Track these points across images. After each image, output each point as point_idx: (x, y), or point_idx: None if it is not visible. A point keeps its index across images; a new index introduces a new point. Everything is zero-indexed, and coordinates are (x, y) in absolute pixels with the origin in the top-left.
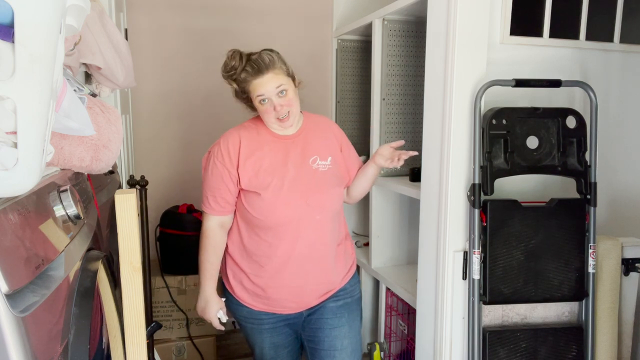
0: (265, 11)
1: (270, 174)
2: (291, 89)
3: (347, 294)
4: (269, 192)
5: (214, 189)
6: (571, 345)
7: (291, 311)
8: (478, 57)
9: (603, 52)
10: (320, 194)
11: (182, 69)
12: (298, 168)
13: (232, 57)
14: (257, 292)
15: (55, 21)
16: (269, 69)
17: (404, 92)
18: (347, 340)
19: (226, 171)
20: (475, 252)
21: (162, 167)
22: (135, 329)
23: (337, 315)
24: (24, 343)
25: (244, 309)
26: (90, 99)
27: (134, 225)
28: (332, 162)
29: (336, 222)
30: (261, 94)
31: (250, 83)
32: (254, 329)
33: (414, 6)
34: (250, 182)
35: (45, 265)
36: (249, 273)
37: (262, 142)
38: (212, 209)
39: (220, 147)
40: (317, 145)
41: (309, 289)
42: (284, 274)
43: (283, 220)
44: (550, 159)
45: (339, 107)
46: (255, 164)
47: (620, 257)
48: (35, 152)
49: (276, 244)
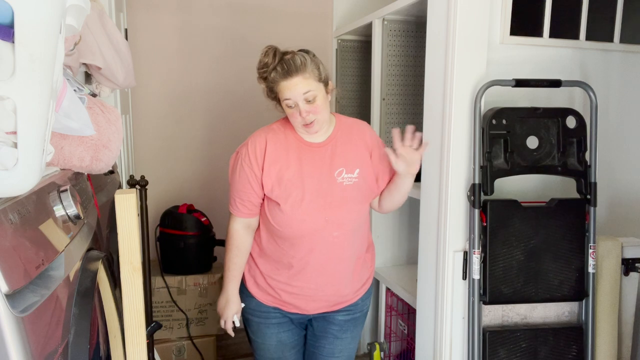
0: (265, 11)
1: (292, 184)
2: (321, 95)
3: (358, 309)
4: (289, 204)
5: (240, 192)
6: (571, 345)
7: (298, 311)
8: (478, 57)
9: (603, 52)
10: (340, 210)
11: (182, 69)
12: (322, 181)
13: (266, 54)
14: (269, 290)
15: (55, 21)
16: (299, 72)
17: (404, 92)
18: (346, 350)
19: (253, 174)
20: (475, 252)
21: (162, 167)
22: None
23: (343, 328)
24: (24, 343)
25: (253, 300)
26: (90, 99)
27: (134, 225)
28: (359, 175)
29: (357, 237)
30: (288, 97)
31: (279, 84)
32: (261, 324)
33: (414, 6)
34: (273, 190)
35: (45, 265)
36: (264, 273)
37: (288, 147)
38: (239, 211)
39: (248, 150)
40: (346, 155)
41: (320, 299)
42: (296, 282)
43: (300, 233)
44: (550, 159)
45: (339, 107)
46: (279, 172)
47: (620, 257)
48: (35, 152)
49: (292, 254)
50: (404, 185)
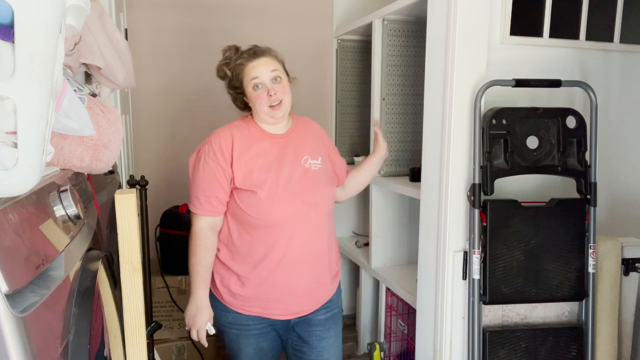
0: (265, 11)
1: (265, 172)
2: (285, 80)
3: (334, 304)
4: (265, 190)
5: (206, 189)
6: (571, 345)
7: (279, 317)
8: (478, 57)
9: (603, 52)
10: (314, 192)
11: (182, 69)
12: (292, 167)
13: (228, 49)
14: (247, 294)
15: (55, 21)
16: (265, 54)
17: (404, 92)
18: (333, 349)
19: (219, 168)
20: (475, 252)
21: (162, 167)
22: (135, 329)
23: (325, 327)
24: (24, 343)
25: (229, 314)
26: (90, 99)
27: (134, 225)
28: (323, 162)
29: (329, 223)
30: (255, 76)
31: (245, 67)
32: (240, 335)
33: (414, 6)
34: (245, 180)
35: (45, 265)
36: (240, 275)
37: (253, 140)
38: (204, 209)
39: (212, 145)
40: (307, 145)
41: (301, 290)
42: (276, 276)
43: (279, 218)
44: (550, 159)
45: (339, 107)
46: (250, 162)
47: (620, 257)
48: (35, 152)
49: (271, 243)
50: (378, 164)
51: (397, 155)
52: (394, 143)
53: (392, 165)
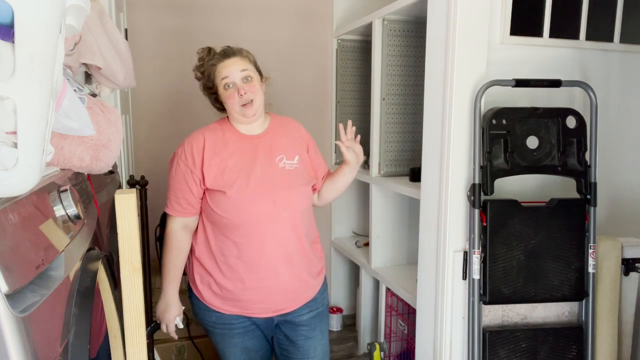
0: (265, 11)
1: (236, 172)
2: (256, 79)
3: (319, 303)
4: (234, 190)
5: (176, 190)
6: (571, 345)
7: (261, 315)
8: (478, 57)
9: (603, 52)
10: (286, 191)
11: (182, 69)
12: (264, 166)
13: (202, 51)
14: (226, 294)
15: (55, 21)
16: (236, 54)
17: (404, 92)
18: (319, 347)
19: (189, 171)
20: (475, 252)
21: (162, 167)
22: (135, 329)
23: (310, 326)
24: (24, 343)
25: (212, 314)
26: (90, 99)
27: (134, 225)
28: (300, 162)
29: (305, 220)
30: (225, 76)
31: (216, 67)
32: (225, 334)
33: (414, 6)
34: (216, 181)
35: (45, 265)
36: (217, 275)
37: (227, 141)
38: (174, 210)
39: (185, 148)
40: (284, 144)
41: (281, 290)
42: (254, 275)
43: (250, 218)
44: (550, 159)
45: (339, 107)
46: (221, 163)
47: (620, 257)
48: (35, 152)
49: (244, 244)
50: (350, 174)
51: (397, 155)
52: (394, 143)
53: (392, 165)
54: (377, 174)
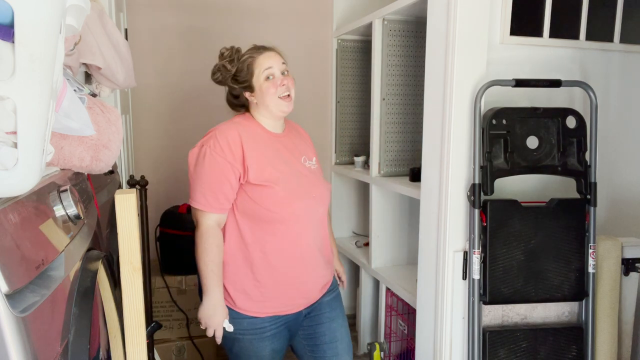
0: (265, 11)
1: (276, 167)
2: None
3: (334, 285)
4: (281, 185)
5: (213, 186)
6: (571, 345)
7: (296, 309)
8: (478, 57)
9: (603, 52)
10: (320, 188)
11: (182, 69)
12: (296, 164)
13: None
14: (264, 292)
15: (55, 21)
16: (273, 49)
17: (404, 92)
18: (344, 329)
19: (228, 165)
20: (475, 252)
21: (162, 167)
22: (135, 329)
23: (332, 308)
24: (24, 343)
25: (244, 321)
26: (90, 99)
27: (134, 225)
28: (317, 163)
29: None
30: (269, 66)
31: (256, 59)
32: (255, 339)
33: (414, 6)
34: (257, 175)
35: (45, 265)
36: (256, 273)
37: (257, 137)
38: (211, 207)
39: (219, 141)
40: (302, 147)
41: (313, 282)
42: (295, 270)
43: (295, 213)
44: (550, 159)
45: (339, 107)
46: (260, 157)
47: (620, 257)
48: (35, 152)
49: (286, 238)
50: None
51: (397, 155)
52: (394, 143)
53: (392, 165)
54: (377, 174)
